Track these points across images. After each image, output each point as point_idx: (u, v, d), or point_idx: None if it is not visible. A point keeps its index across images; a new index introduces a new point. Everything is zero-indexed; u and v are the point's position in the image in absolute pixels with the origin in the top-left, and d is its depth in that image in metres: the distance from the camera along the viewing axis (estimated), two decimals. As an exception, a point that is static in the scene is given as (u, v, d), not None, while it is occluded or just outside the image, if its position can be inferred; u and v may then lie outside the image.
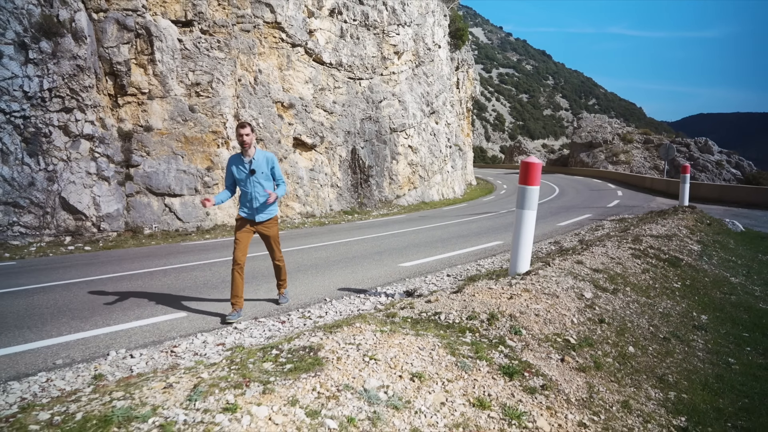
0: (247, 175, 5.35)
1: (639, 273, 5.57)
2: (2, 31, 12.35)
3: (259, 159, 5.41)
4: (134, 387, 2.52)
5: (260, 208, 5.42)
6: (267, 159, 5.49)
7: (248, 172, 5.34)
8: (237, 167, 5.41)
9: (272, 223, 5.59)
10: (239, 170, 5.39)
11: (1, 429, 2.17)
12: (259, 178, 5.37)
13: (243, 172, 5.37)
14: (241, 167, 5.38)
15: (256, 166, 5.35)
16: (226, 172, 5.53)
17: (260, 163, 5.39)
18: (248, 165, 5.35)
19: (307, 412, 2.26)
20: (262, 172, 5.39)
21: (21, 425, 2.19)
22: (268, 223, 5.55)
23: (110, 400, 2.39)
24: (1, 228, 12.13)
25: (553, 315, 3.85)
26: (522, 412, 2.62)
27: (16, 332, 4.80)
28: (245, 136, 5.23)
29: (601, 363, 3.43)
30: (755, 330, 4.86)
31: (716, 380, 3.70)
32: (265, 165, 5.42)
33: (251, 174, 5.33)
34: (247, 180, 5.36)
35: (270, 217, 5.55)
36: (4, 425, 2.22)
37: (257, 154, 5.43)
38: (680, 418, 3.09)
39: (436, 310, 3.79)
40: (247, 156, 5.36)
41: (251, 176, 5.34)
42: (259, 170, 5.36)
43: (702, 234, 8.58)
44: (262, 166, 5.39)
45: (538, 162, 4.93)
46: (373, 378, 2.60)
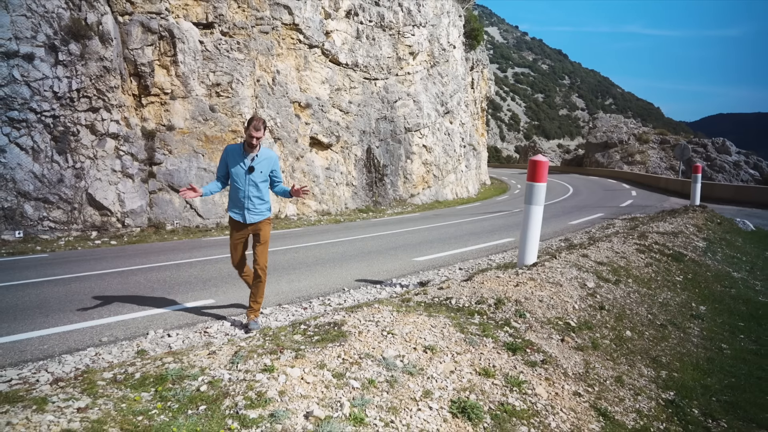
0: (245, 171, 4.93)
1: (642, 266, 5.84)
2: (34, 34, 12.87)
3: (262, 158, 5.00)
4: (182, 354, 2.89)
5: (252, 209, 5.00)
6: (270, 160, 5.06)
7: (247, 169, 4.92)
8: (235, 161, 4.96)
9: (265, 223, 5.14)
10: (236, 164, 4.95)
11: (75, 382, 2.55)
12: (257, 178, 4.96)
13: (241, 167, 4.93)
14: (240, 162, 4.94)
15: (256, 164, 4.94)
16: (221, 161, 5.06)
17: (262, 163, 4.99)
18: (249, 161, 4.93)
19: (334, 374, 2.61)
20: (261, 172, 4.98)
21: (90, 381, 2.56)
22: (261, 224, 5.11)
23: (162, 363, 2.76)
24: (32, 222, 12.66)
25: (555, 301, 4.16)
26: (522, 381, 2.94)
27: (60, 315, 5.22)
28: (255, 139, 4.84)
29: (598, 344, 3.73)
30: (751, 320, 5.11)
31: (707, 362, 3.98)
32: (266, 166, 5.02)
33: (249, 172, 4.92)
34: (243, 177, 4.94)
35: (263, 218, 5.11)
36: (75, 381, 2.59)
37: (262, 152, 5.02)
38: (669, 393, 3.38)
39: (447, 295, 4.12)
40: (251, 152, 4.94)
41: (249, 174, 4.92)
42: (258, 169, 4.95)
43: (709, 232, 8.79)
44: (262, 166, 4.99)
45: (545, 160, 5.23)
46: (391, 349, 2.94)
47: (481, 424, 2.53)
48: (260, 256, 5.04)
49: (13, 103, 12.41)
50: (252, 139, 4.81)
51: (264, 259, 5.06)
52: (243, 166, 4.92)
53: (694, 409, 3.21)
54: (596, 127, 54.74)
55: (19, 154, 12.53)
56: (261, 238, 5.07)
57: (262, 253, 5.07)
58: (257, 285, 5.06)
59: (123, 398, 2.34)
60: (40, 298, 5.90)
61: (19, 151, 12.56)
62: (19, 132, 12.56)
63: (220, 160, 5.06)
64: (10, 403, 2.17)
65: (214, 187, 5.07)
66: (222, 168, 5.06)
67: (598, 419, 2.87)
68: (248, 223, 5.01)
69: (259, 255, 5.04)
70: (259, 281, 5.05)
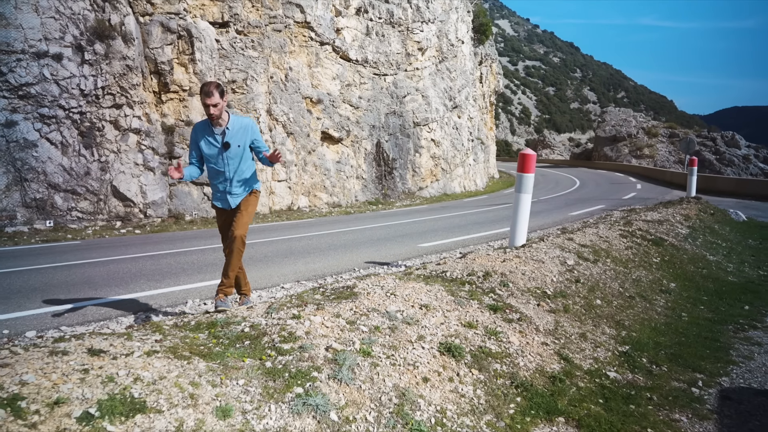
0: (219, 150, 4.20)
1: (622, 249, 6.47)
2: (62, 35, 13.64)
3: (235, 129, 4.22)
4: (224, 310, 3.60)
5: (235, 191, 4.35)
6: (245, 128, 4.28)
7: (221, 146, 4.19)
8: (205, 140, 4.22)
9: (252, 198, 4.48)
10: (208, 144, 4.21)
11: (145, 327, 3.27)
12: (235, 155, 4.23)
13: (213, 146, 4.19)
14: (211, 140, 4.20)
15: (230, 138, 4.19)
16: (191, 143, 4.34)
17: (236, 134, 4.22)
18: (220, 137, 4.19)
19: (347, 321, 3.31)
20: (238, 145, 4.22)
21: (157, 326, 3.28)
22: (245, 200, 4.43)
23: (210, 315, 3.48)
24: (61, 213, 13.49)
25: (536, 275, 4.82)
26: (499, 331, 3.62)
27: (107, 289, 5.97)
28: (212, 107, 4.06)
29: (569, 308, 4.39)
30: (715, 295, 5.72)
31: (664, 326, 4.62)
32: (242, 137, 4.25)
33: (225, 149, 4.18)
34: (218, 157, 4.22)
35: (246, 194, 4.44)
36: (145, 326, 3.31)
37: (232, 122, 4.22)
38: (625, 347, 4.04)
39: (443, 269, 4.80)
40: (218, 126, 4.18)
41: (225, 151, 4.20)
42: (234, 143, 4.20)
43: (696, 221, 9.38)
44: (238, 138, 4.22)
45: (532, 153, 5.88)
46: (393, 305, 3.63)
47: (463, 360, 3.22)
48: (237, 221, 4.31)
49: (43, 101, 13.21)
50: (208, 109, 4.04)
51: (241, 227, 4.30)
52: (216, 144, 4.19)
53: (643, 358, 3.87)
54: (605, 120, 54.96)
55: (49, 149, 13.34)
56: (242, 209, 4.38)
57: (240, 219, 4.33)
58: (229, 256, 4.30)
59: (185, 336, 3.05)
60: (85, 276, 6.66)
61: (50, 145, 13.37)
62: (49, 128, 13.36)
63: (190, 143, 4.31)
64: (101, 336, 2.89)
65: (193, 171, 4.32)
66: (194, 149, 4.33)
67: (559, 362, 3.55)
68: (233, 207, 4.39)
69: (237, 221, 4.31)
70: (230, 253, 4.29)
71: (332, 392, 2.65)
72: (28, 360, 2.38)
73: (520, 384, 3.18)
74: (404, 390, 2.82)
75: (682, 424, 3.03)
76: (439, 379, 3.00)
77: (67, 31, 13.73)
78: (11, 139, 12.87)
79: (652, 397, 3.29)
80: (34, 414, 2.08)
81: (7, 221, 12.84)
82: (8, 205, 12.86)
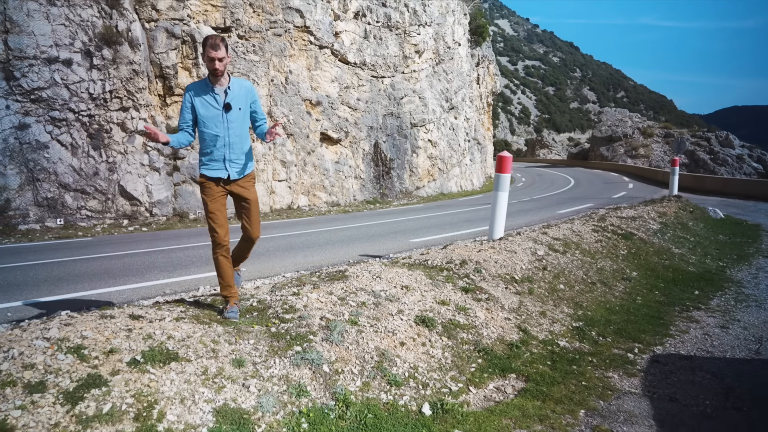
0: (220, 111, 3.77)
1: (592, 242, 7.09)
2: (71, 41, 14.27)
3: (236, 90, 3.83)
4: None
5: (236, 159, 3.86)
6: (246, 90, 3.91)
7: (222, 107, 3.77)
8: (203, 100, 3.77)
9: (250, 181, 4.02)
10: (206, 105, 3.77)
11: (161, 305, 3.90)
12: (236, 118, 3.82)
13: (213, 107, 3.77)
14: (210, 100, 3.77)
15: (232, 100, 3.79)
16: (184, 105, 3.83)
17: (238, 96, 3.83)
18: (221, 97, 3.78)
19: (338, 297, 3.95)
20: (239, 108, 3.84)
21: (180, 301, 3.91)
22: (246, 182, 3.97)
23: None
24: (71, 211, 14.12)
25: (508, 263, 5.45)
26: (468, 308, 4.26)
27: (125, 278, 6.62)
28: (217, 61, 3.68)
29: (534, 291, 5.02)
30: (671, 283, 6.34)
31: (618, 307, 5.25)
32: (244, 99, 3.88)
33: (226, 110, 3.76)
34: (218, 119, 3.78)
35: (248, 173, 3.97)
36: (169, 303, 3.95)
37: (234, 83, 3.84)
38: (579, 323, 4.68)
39: (425, 258, 5.44)
40: (219, 84, 3.78)
41: (226, 113, 3.77)
42: (235, 105, 3.80)
43: (671, 217, 10.01)
44: (239, 100, 3.84)
45: (508, 156, 6.52)
46: (378, 286, 4.27)
47: (435, 330, 3.86)
48: (255, 223, 4.04)
49: (54, 104, 13.83)
50: (213, 63, 3.68)
51: (258, 226, 4.07)
52: (216, 105, 3.77)
53: (593, 332, 4.50)
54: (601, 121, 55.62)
55: (60, 150, 13.97)
56: (251, 199, 3.97)
57: (257, 220, 4.06)
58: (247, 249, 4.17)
59: (203, 309, 3.70)
60: (103, 268, 7.30)
61: (60, 147, 14.00)
62: (59, 130, 13.99)
63: (183, 104, 3.82)
64: (138, 306, 3.53)
65: (183, 138, 3.92)
66: (186, 113, 3.82)
67: (518, 333, 4.19)
68: (232, 179, 3.86)
69: (254, 222, 4.03)
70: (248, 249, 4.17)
71: (325, 351, 3.30)
72: (85, 321, 3.03)
73: (482, 349, 3.83)
74: (384, 351, 3.47)
75: (613, 379, 3.67)
76: (413, 344, 3.64)
77: (77, 37, 14.35)
78: (24, 140, 13.49)
79: (593, 360, 3.93)
80: (95, 359, 2.72)
81: (20, 219, 13.46)
82: (21, 204, 13.49)
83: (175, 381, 2.75)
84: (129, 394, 2.58)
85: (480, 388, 3.42)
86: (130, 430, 2.42)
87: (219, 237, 3.83)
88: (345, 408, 2.95)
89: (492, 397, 3.32)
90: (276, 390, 2.95)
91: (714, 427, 3.06)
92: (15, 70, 13.20)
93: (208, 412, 2.68)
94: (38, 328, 2.93)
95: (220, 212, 3.88)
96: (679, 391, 3.50)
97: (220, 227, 3.86)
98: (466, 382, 3.44)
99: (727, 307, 5.50)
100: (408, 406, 3.08)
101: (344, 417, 2.89)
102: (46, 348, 2.69)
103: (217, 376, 2.90)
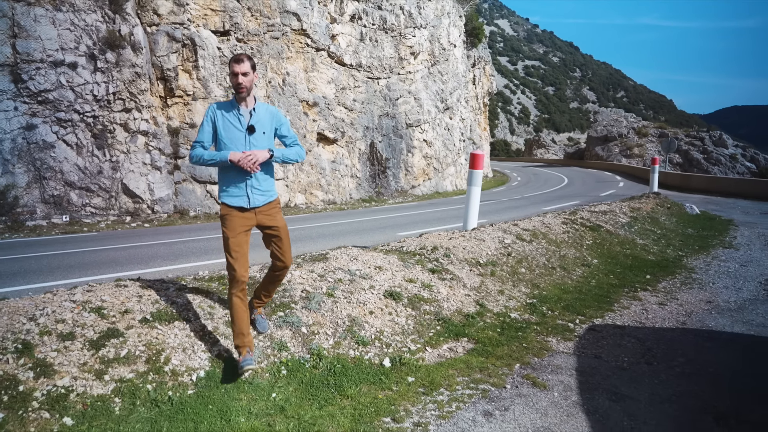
0: (243, 133, 3.54)
1: (560, 233, 7.69)
2: (76, 45, 14.89)
3: (261, 113, 3.64)
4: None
5: (257, 186, 3.59)
6: (272, 115, 3.70)
7: (246, 129, 3.54)
8: (226, 120, 3.55)
9: (275, 208, 3.74)
10: (230, 125, 3.54)
11: (166, 280, 4.53)
12: (260, 142, 3.57)
13: (236, 128, 3.54)
14: (233, 120, 3.55)
15: (256, 122, 3.57)
16: (204, 124, 3.59)
17: (262, 119, 3.62)
18: (246, 118, 3.56)
19: (318, 275, 4.57)
20: (264, 132, 3.61)
21: (181, 278, 4.54)
22: (271, 209, 3.68)
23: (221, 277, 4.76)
24: (76, 208, 14.75)
25: (475, 249, 6.07)
26: (432, 285, 4.88)
27: (131, 266, 7.25)
28: (241, 76, 3.46)
29: (496, 273, 5.64)
30: (628, 269, 6.93)
31: (572, 288, 5.87)
32: (268, 122, 3.65)
33: (249, 132, 3.54)
34: (241, 141, 3.54)
35: (271, 200, 3.69)
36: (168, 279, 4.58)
37: (259, 106, 3.65)
38: (533, 300, 5.29)
39: (401, 245, 6.06)
40: (245, 105, 3.58)
41: (249, 135, 3.54)
42: (260, 129, 3.59)
43: (642, 212, 10.60)
44: (264, 124, 3.62)
45: (481, 154, 7.14)
46: (354, 266, 4.89)
47: (401, 302, 4.48)
48: (287, 251, 3.73)
49: (60, 105, 14.46)
50: (236, 78, 3.47)
51: (290, 255, 3.78)
52: (240, 126, 3.55)
53: (543, 307, 5.12)
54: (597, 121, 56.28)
55: (65, 149, 14.60)
56: (279, 226, 3.70)
57: (289, 247, 3.75)
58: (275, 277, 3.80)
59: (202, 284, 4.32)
60: (110, 258, 7.94)
61: (66, 146, 14.62)
62: (65, 130, 14.61)
63: (203, 122, 3.60)
64: (146, 280, 4.16)
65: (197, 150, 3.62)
66: (207, 133, 3.58)
67: (475, 307, 4.81)
68: (253, 206, 3.57)
69: (286, 250, 3.72)
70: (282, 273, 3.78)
71: (304, 316, 3.92)
72: (103, 289, 3.66)
73: (442, 318, 4.45)
74: (355, 318, 4.09)
75: (551, 343, 4.28)
76: (381, 313, 4.27)
77: (81, 41, 14.96)
78: (31, 141, 14.11)
79: (537, 329, 4.55)
80: (113, 317, 3.35)
81: (28, 216, 14.09)
82: (29, 201, 14.11)
83: (179, 335, 3.38)
84: (141, 343, 3.21)
85: (435, 348, 4.04)
86: (142, 370, 3.05)
87: (237, 274, 3.41)
88: (318, 360, 3.58)
89: (444, 355, 3.94)
90: (261, 345, 3.58)
91: (625, 375, 3.68)
92: (23, 73, 13.82)
93: (205, 359, 3.30)
94: (65, 293, 3.55)
95: (241, 247, 3.51)
96: (605, 351, 4.11)
97: (239, 264, 3.44)
98: (424, 344, 4.06)
99: (671, 289, 6.11)
100: (372, 360, 3.71)
101: (317, 366, 3.52)
102: (73, 308, 3.32)
103: (212, 333, 3.53)
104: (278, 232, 3.66)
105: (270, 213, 3.64)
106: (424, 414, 3.06)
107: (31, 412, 2.60)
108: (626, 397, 3.33)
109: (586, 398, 3.28)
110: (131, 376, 2.98)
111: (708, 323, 4.86)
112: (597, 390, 3.42)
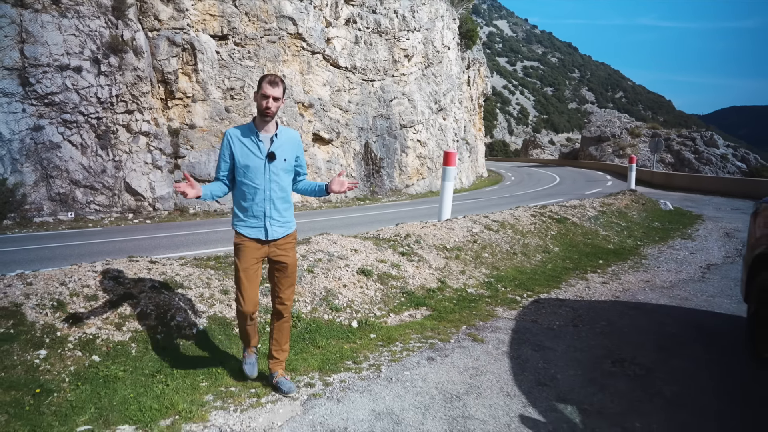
0: (263, 160, 3.34)
1: (527, 224, 8.42)
2: (81, 50, 15.63)
3: (283, 139, 3.42)
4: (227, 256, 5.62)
5: (276, 217, 3.43)
6: (293, 141, 3.49)
7: (266, 156, 3.34)
8: (244, 147, 3.35)
9: (291, 242, 3.56)
10: (248, 152, 3.34)
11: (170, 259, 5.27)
12: (280, 170, 3.39)
13: (255, 155, 3.35)
14: (252, 146, 3.36)
15: (277, 149, 3.37)
16: (222, 152, 3.40)
17: (283, 146, 3.41)
18: (266, 144, 3.37)
19: (301, 255, 5.32)
20: (285, 159, 3.39)
21: (182, 258, 5.28)
22: (286, 243, 3.52)
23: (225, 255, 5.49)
24: (81, 206, 15.48)
25: (445, 237, 6.81)
26: (401, 265, 5.63)
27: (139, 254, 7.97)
28: (272, 100, 3.28)
29: (460, 257, 6.39)
30: (584, 256, 7.66)
31: (529, 271, 6.61)
32: (290, 150, 3.44)
33: (269, 159, 3.34)
34: (260, 169, 3.34)
35: (289, 232, 3.54)
36: (171, 259, 5.32)
37: (281, 131, 3.44)
38: (490, 279, 6.04)
39: (379, 234, 6.81)
40: (266, 131, 3.38)
41: (269, 163, 3.34)
42: (280, 156, 3.37)
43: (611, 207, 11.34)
44: (285, 151, 3.41)
45: (453, 152, 7.89)
46: (333, 248, 5.64)
47: (372, 278, 5.23)
48: (286, 288, 3.52)
49: (66, 107, 15.19)
50: (267, 101, 3.27)
51: (291, 294, 3.57)
52: (259, 153, 3.34)
53: (498, 285, 5.87)
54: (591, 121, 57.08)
55: (71, 149, 15.33)
56: (288, 264, 3.50)
57: (290, 285, 3.54)
58: (281, 327, 3.55)
59: (201, 262, 5.07)
60: (117, 248, 8.69)
61: (71, 146, 15.36)
62: (71, 131, 15.35)
63: (221, 150, 3.41)
64: (153, 259, 4.91)
65: (218, 189, 3.45)
66: (225, 162, 3.40)
67: (437, 283, 5.57)
68: (270, 239, 3.42)
69: (285, 287, 3.51)
70: (283, 321, 3.55)
71: (286, 287, 4.66)
72: (118, 263, 4.40)
73: (406, 292, 5.20)
74: (330, 290, 4.84)
75: (498, 311, 5.04)
76: (353, 287, 5.02)
77: (86, 46, 15.70)
78: (38, 141, 14.84)
79: (489, 301, 5.30)
80: (127, 284, 4.09)
81: (35, 213, 14.83)
82: (36, 199, 14.85)
83: (182, 299, 4.12)
84: (151, 304, 3.96)
85: (397, 314, 4.79)
86: (153, 324, 3.79)
87: (244, 308, 3.34)
88: (297, 321, 4.33)
89: (404, 320, 4.69)
90: (250, 309, 4.32)
91: (551, 334, 4.42)
92: (30, 77, 14.56)
93: (204, 318, 4.05)
94: (88, 266, 4.30)
95: (251, 281, 3.36)
96: (541, 317, 4.86)
97: (247, 296, 3.34)
98: (388, 311, 4.81)
99: (618, 272, 6.86)
100: (342, 323, 4.46)
101: (296, 326, 4.27)
102: (95, 276, 4.06)
103: (209, 298, 4.28)
104: (287, 269, 3.48)
105: (285, 247, 3.47)
106: (379, 359, 3.81)
107: (67, 351, 3.34)
108: (547, 348, 4.07)
109: (513, 349, 4.03)
110: (144, 328, 3.73)
111: (638, 297, 5.61)
112: (525, 344, 4.17)
